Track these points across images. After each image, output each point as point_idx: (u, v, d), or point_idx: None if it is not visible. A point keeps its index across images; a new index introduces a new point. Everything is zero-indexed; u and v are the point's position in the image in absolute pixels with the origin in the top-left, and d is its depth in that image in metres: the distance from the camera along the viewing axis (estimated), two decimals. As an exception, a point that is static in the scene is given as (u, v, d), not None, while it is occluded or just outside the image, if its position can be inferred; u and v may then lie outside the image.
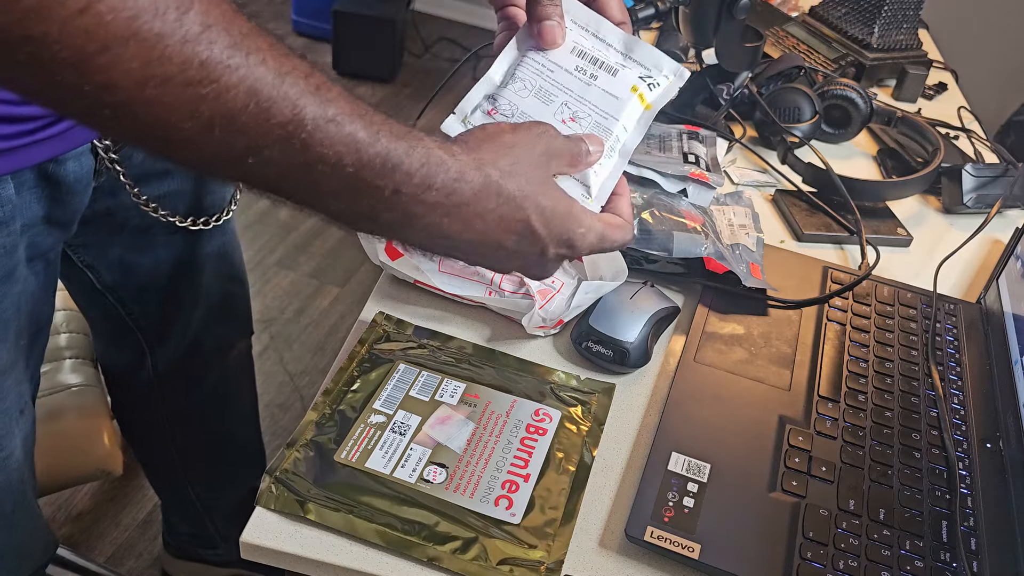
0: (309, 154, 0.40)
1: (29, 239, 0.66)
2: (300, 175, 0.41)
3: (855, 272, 0.86)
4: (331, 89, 0.41)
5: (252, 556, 0.54)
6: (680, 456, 0.61)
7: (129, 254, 0.85)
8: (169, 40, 0.35)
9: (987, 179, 1.01)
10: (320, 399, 0.63)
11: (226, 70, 0.37)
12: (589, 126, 0.57)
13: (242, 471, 1.19)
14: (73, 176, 0.68)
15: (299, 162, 0.40)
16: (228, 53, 0.36)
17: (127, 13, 0.33)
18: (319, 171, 0.41)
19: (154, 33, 0.34)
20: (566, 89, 0.57)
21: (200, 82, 0.36)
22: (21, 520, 0.75)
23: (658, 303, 0.73)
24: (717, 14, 1.00)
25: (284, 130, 0.39)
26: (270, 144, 0.39)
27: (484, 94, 0.58)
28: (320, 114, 0.40)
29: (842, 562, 0.56)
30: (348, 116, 0.41)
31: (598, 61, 0.58)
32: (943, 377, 0.74)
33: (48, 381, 0.98)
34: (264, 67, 0.38)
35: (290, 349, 1.83)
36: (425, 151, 0.44)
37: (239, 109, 0.37)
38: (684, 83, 0.60)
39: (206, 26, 0.36)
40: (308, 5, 3.06)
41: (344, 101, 0.41)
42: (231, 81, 0.37)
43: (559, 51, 0.58)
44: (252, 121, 0.38)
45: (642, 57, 0.59)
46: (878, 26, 1.29)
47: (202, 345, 1.00)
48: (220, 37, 0.36)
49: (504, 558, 0.53)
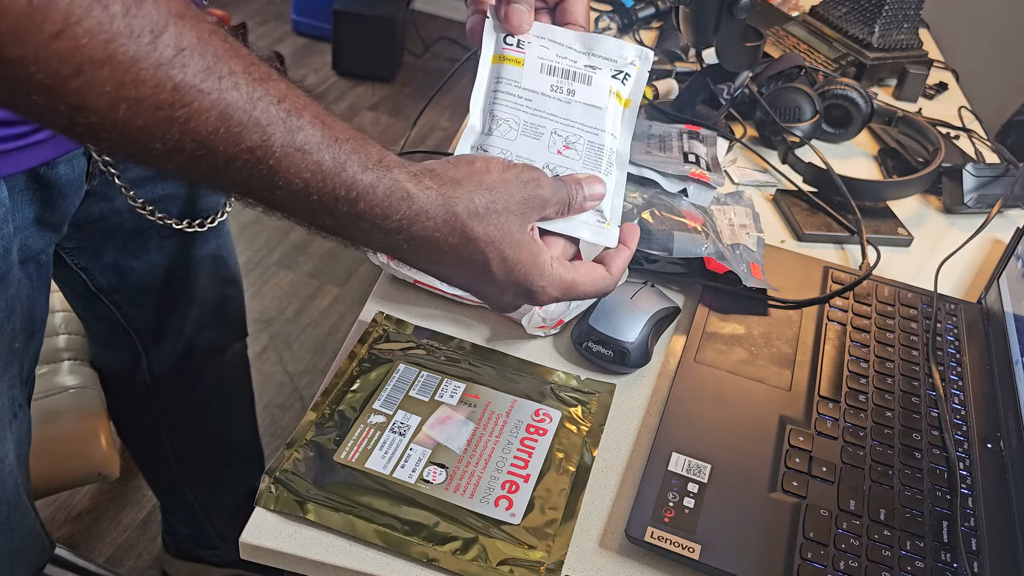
0: (276, 179, 0.41)
1: (21, 241, 0.66)
2: (267, 195, 0.42)
3: (856, 272, 0.86)
4: (303, 115, 0.41)
5: (252, 556, 0.54)
6: (680, 456, 0.61)
7: (123, 257, 0.85)
8: (143, 63, 0.35)
9: (988, 179, 1.01)
10: (320, 399, 0.63)
11: (199, 94, 0.37)
12: (584, 148, 0.56)
13: (240, 472, 1.19)
14: (64, 179, 0.68)
15: (266, 185, 0.41)
16: (201, 77, 0.37)
17: (103, 36, 0.33)
18: (284, 194, 0.42)
19: (129, 56, 0.34)
20: (550, 116, 0.56)
21: (172, 105, 0.36)
22: (15, 524, 0.75)
23: (658, 303, 0.72)
24: (717, 14, 0.99)
25: (252, 155, 0.39)
26: (238, 167, 0.40)
27: (471, 145, 0.56)
28: (288, 142, 0.40)
29: (843, 562, 0.56)
30: (317, 144, 0.41)
31: (570, 73, 0.57)
32: (944, 377, 0.74)
33: (46, 383, 0.98)
34: (237, 92, 0.38)
35: (290, 349, 1.83)
36: (391, 182, 0.45)
37: (209, 133, 0.38)
38: (651, 65, 0.59)
39: (179, 49, 0.36)
40: (308, 5, 3.06)
41: (316, 127, 0.41)
42: (203, 105, 0.37)
43: (528, 73, 0.56)
44: (221, 144, 0.38)
45: (605, 51, 0.58)
46: (879, 26, 1.29)
47: (197, 348, 1.00)
48: (193, 60, 0.36)
49: (504, 558, 0.53)
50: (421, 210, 0.46)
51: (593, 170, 0.56)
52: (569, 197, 0.54)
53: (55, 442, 0.94)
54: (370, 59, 2.89)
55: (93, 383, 1.01)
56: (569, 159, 0.56)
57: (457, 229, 0.47)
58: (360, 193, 0.43)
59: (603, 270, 0.56)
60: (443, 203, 0.47)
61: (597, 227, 0.56)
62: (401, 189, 0.45)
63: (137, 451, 1.18)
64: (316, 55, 3.03)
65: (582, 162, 0.56)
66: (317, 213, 0.44)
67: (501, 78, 0.57)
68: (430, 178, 0.47)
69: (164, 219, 0.79)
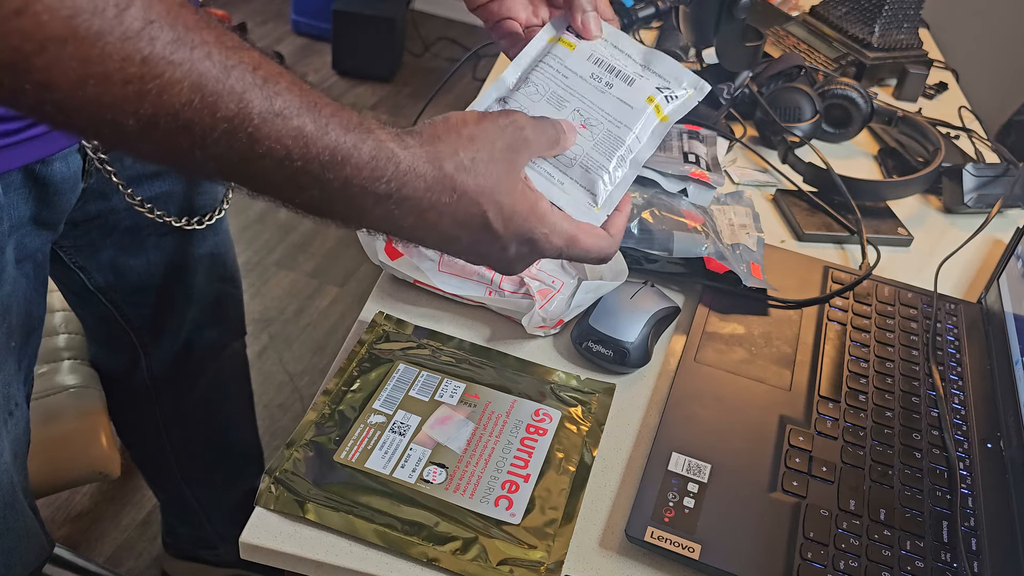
0: (256, 148, 0.40)
1: (17, 240, 0.66)
2: (249, 167, 0.41)
3: (856, 272, 0.86)
4: (279, 81, 0.40)
5: (252, 556, 0.54)
6: (680, 456, 0.61)
7: (121, 256, 0.85)
8: (109, 37, 0.34)
9: (988, 179, 1.01)
10: (320, 399, 0.63)
11: (169, 66, 0.36)
12: (601, 134, 0.56)
13: (240, 472, 1.19)
14: (60, 176, 0.68)
15: (246, 155, 0.40)
16: (171, 48, 0.36)
17: (65, 12, 0.33)
18: (267, 164, 0.41)
19: (93, 31, 0.34)
20: (580, 95, 0.57)
21: (142, 78, 0.35)
22: (11, 523, 0.75)
23: (658, 303, 0.72)
24: (717, 13, 1.00)
25: (230, 124, 0.39)
26: (216, 139, 0.39)
27: (496, 96, 0.58)
28: (267, 108, 0.39)
29: (842, 562, 0.56)
30: (296, 109, 0.41)
31: (615, 70, 0.58)
32: (944, 377, 0.74)
33: (46, 382, 0.98)
34: (209, 61, 0.37)
35: (290, 349, 1.83)
36: (375, 143, 0.44)
37: (183, 104, 0.37)
38: (703, 97, 0.60)
39: (148, 21, 0.35)
40: (308, 5, 3.06)
41: (293, 93, 0.41)
42: (175, 76, 0.36)
43: (576, 57, 0.58)
44: (197, 116, 0.38)
45: (662, 70, 0.59)
46: (879, 25, 1.29)
47: (195, 346, 1.00)
48: (162, 32, 0.36)
49: (504, 558, 0.53)
50: (409, 168, 0.45)
51: (604, 156, 0.56)
52: (554, 133, 0.53)
53: (55, 441, 0.94)
54: (370, 59, 2.89)
55: (93, 382, 1.01)
56: (583, 137, 0.56)
57: (448, 186, 0.46)
58: (345, 156, 0.42)
59: (603, 231, 0.55)
60: (429, 159, 0.46)
61: (587, 208, 0.56)
62: (387, 149, 0.44)
63: (136, 451, 1.18)
64: (316, 55, 3.03)
65: (594, 143, 0.56)
66: (303, 185, 0.43)
67: (550, 53, 0.58)
68: (411, 137, 0.47)
69: (162, 216, 0.79)
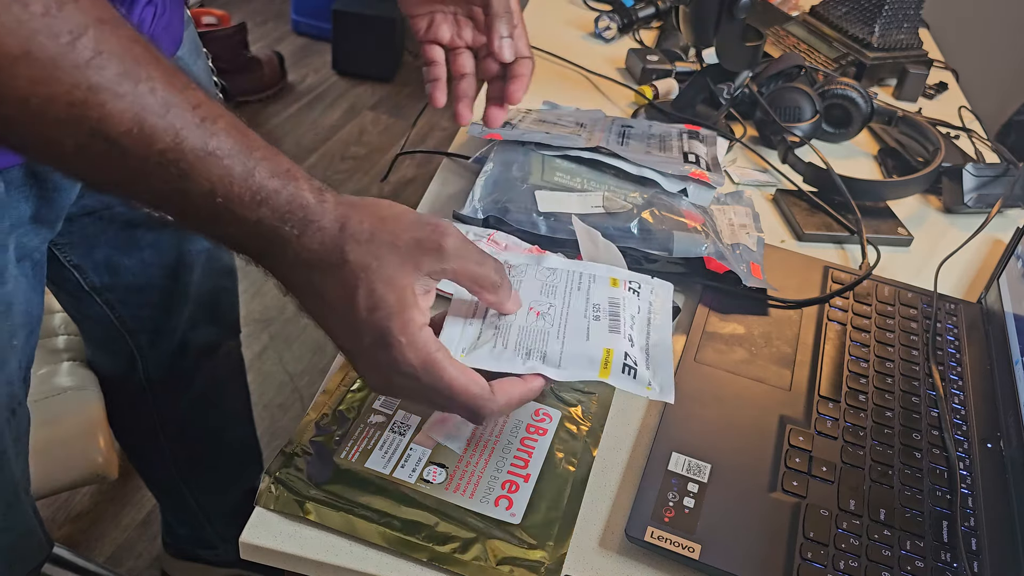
0: (184, 182, 0.42)
1: (17, 238, 0.66)
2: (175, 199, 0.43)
3: (856, 272, 0.86)
4: (217, 122, 0.42)
5: (251, 556, 0.54)
6: (680, 456, 0.61)
7: (115, 254, 0.85)
8: (61, 63, 0.36)
9: (988, 179, 1.00)
10: (320, 399, 0.62)
11: (113, 96, 0.38)
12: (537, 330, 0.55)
13: (239, 472, 1.19)
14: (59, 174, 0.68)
15: (174, 188, 0.42)
16: (117, 80, 0.38)
17: (23, 32, 0.35)
18: (194, 198, 0.43)
19: (46, 56, 0.36)
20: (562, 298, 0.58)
21: (85, 103, 0.38)
22: (12, 522, 0.75)
23: (658, 303, 0.72)
24: (717, 13, 1.00)
25: (163, 157, 0.41)
26: (149, 170, 0.41)
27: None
28: (200, 146, 0.41)
29: (842, 562, 0.56)
30: (228, 150, 0.42)
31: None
32: (944, 377, 0.74)
33: (45, 384, 0.98)
34: (152, 97, 0.39)
35: (290, 349, 1.83)
36: (294, 190, 0.45)
37: (122, 133, 0.39)
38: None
39: (98, 52, 0.37)
40: (308, 5, 3.06)
41: (228, 135, 0.43)
42: (117, 107, 0.38)
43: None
44: (133, 145, 0.40)
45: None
46: (879, 25, 1.29)
47: (191, 346, 1.00)
48: (111, 64, 0.38)
49: (504, 558, 0.53)
50: (314, 220, 0.46)
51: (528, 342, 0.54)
52: (496, 275, 0.51)
53: (54, 443, 0.94)
54: (370, 59, 2.89)
55: (92, 384, 1.01)
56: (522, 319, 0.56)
57: (339, 247, 0.46)
58: (264, 198, 0.44)
59: (485, 383, 0.49)
60: (336, 218, 0.46)
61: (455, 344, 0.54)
62: (303, 197, 0.45)
63: (135, 452, 1.18)
64: (316, 55, 3.03)
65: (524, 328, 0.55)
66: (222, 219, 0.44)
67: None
68: (330, 194, 0.47)
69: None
